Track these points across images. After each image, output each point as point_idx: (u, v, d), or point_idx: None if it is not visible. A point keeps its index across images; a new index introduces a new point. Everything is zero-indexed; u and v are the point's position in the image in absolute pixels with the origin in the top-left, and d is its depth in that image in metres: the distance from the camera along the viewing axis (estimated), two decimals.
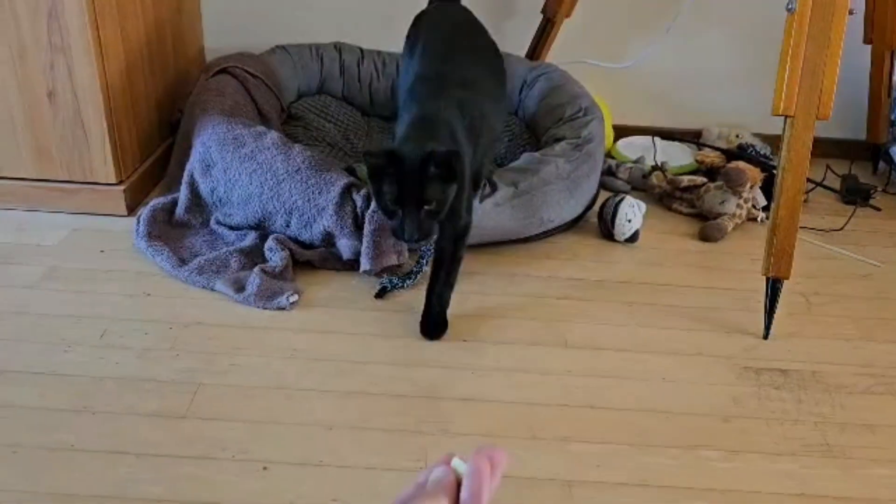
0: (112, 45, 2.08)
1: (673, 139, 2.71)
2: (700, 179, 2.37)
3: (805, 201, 2.22)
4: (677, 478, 1.44)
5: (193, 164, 2.13)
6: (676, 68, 2.74)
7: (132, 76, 2.21)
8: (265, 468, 1.39)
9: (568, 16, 2.54)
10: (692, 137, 2.73)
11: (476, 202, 1.98)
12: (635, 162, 2.49)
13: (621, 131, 2.74)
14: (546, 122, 2.34)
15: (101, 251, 2.04)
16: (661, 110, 2.79)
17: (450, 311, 1.83)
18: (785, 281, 1.80)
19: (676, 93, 2.79)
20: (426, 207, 1.49)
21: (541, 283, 2.01)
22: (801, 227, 1.77)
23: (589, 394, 1.63)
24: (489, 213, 1.99)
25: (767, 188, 2.32)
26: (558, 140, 2.20)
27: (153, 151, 2.37)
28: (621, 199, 2.18)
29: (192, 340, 1.73)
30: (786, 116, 1.73)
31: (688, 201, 2.37)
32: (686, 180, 2.37)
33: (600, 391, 1.64)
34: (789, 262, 1.79)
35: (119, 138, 2.15)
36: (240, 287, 1.87)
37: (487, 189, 2.01)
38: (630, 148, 2.66)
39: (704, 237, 2.24)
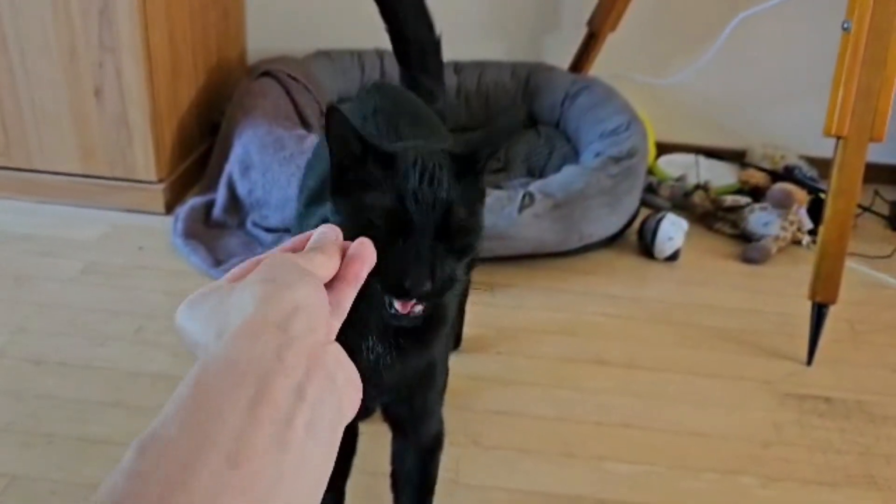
0: (160, 47, 2.09)
1: (716, 158, 2.66)
2: (744, 200, 2.33)
3: (853, 227, 2.16)
4: (714, 502, 1.40)
5: (232, 165, 2.14)
6: (721, 86, 2.70)
7: (177, 78, 2.22)
8: None
9: (613, 30, 2.52)
10: (735, 157, 2.68)
11: (514, 212, 1.96)
12: (677, 180, 2.45)
13: (663, 149, 2.70)
14: (588, 136, 2.32)
15: (140, 248, 2.05)
16: (705, 128, 2.75)
17: (484, 323, 1.81)
18: (831, 307, 1.75)
19: (720, 111, 2.75)
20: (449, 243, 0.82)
21: (578, 299, 1.98)
22: (847, 253, 1.72)
23: (625, 413, 1.60)
24: (528, 224, 1.97)
25: (813, 211, 2.27)
26: (599, 154, 2.17)
27: (193, 152, 2.39)
28: (662, 217, 2.14)
29: None
30: (838, 138, 1.69)
31: (731, 222, 2.32)
32: (729, 200, 2.32)
33: (636, 411, 1.61)
34: (836, 286, 1.74)
35: (161, 138, 2.17)
36: None
37: (527, 200, 1.99)
38: (672, 165, 2.62)
39: (747, 259, 2.20)
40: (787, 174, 2.44)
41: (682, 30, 2.65)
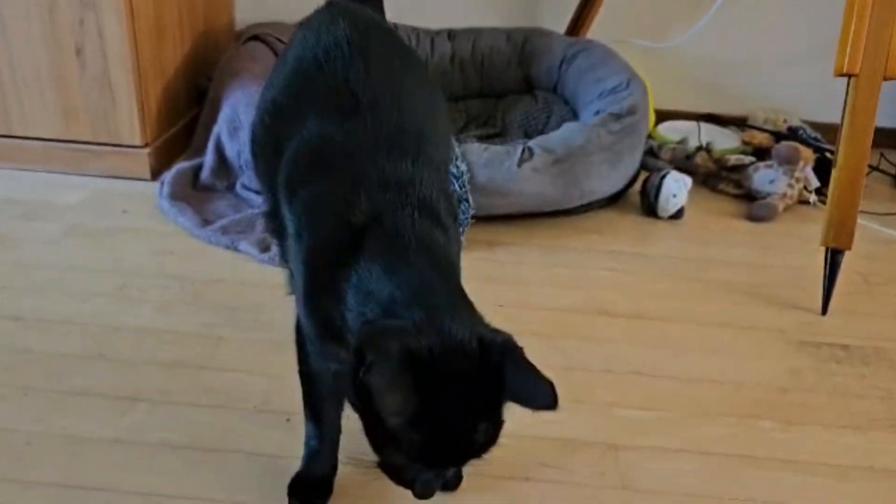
0: (143, 5, 2.02)
1: (717, 124, 2.60)
2: (748, 159, 2.26)
3: None
4: (733, 446, 1.32)
5: (221, 127, 2.06)
6: (721, 50, 2.64)
7: (162, 39, 2.15)
8: (288, 420, 1.29)
9: None
10: (737, 123, 2.62)
11: (514, 166, 1.89)
12: (679, 143, 2.38)
13: (663, 116, 2.63)
14: (587, 96, 2.25)
15: (124, 211, 1.97)
16: (705, 94, 2.68)
17: (484, 277, 1.73)
18: (845, 254, 1.68)
19: (721, 76, 2.69)
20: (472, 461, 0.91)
21: (581, 256, 1.90)
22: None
23: (634, 361, 1.52)
24: (528, 178, 1.90)
25: (820, 170, 2.20)
26: (599, 112, 2.10)
27: (181, 118, 2.31)
28: (666, 174, 2.08)
29: (213, 296, 1.65)
30: (849, 76, 1.62)
31: (735, 181, 2.26)
32: (733, 159, 2.26)
33: (646, 359, 1.53)
34: (850, 233, 1.67)
35: (146, 101, 2.09)
36: (265, 248, 1.79)
37: (526, 154, 1.92)
38: (672, 132, 2.55)
39: (753, 217, 2.13)
40: (792, 134, 2.38)
41: None
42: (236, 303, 1.62)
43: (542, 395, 0.87)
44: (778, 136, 2.37)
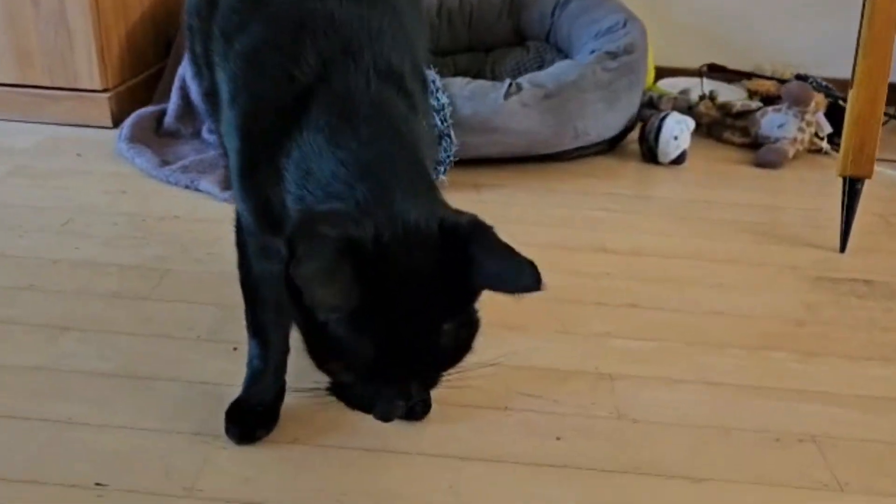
0: None
1: (722, 73, 2.43)
2: (755, 104, 2.10)
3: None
4: (742, 376, 1.16)
5: (185, 68, 1.91)
6: (724, 0, 2.49)
7: None
8: (235, 349, 1.13)
9: None
10: (742, 76, 2.46)
11: (500, 98, 1.73)
12: (680, 93, 2.23)
13: (662, 74, 2.48)
14: (581, 38, 2.10)
15: (78, 154, 1.82)
16: (707, 48, 2.52)
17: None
18: (863, 189, 1.53)
19: (724, 28, 2.53)
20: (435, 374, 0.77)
21: (576, 197, 1.75)
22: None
23: (631, 295, 1.36)
24: (516, 114, 1.74)
25: (832, 117, 2.04)
26: (595, 52, 1.95)
27: (147, 68, 2.16)
28: (666, 115, 1.92)
29: (166, 232, 1.49)
30: None
31: (741, 129, 2.10)
32: (739, 104, 2.10)
33: (643, 293, 1.37)
34: (871, 156, 1.51)
35: (106, 43, 1.95)
36: (227, 186, 1.63)
37: (513, 88, 1.77)
38: (673, 88, 2.39)
39: (762, 162, 1.97)
40: (801, 80, 2.22)
41: None
42: (190, 238, 1.47)
43: (521, 275, 0.70)
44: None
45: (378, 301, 0.69)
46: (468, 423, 1.03)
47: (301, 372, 1.08)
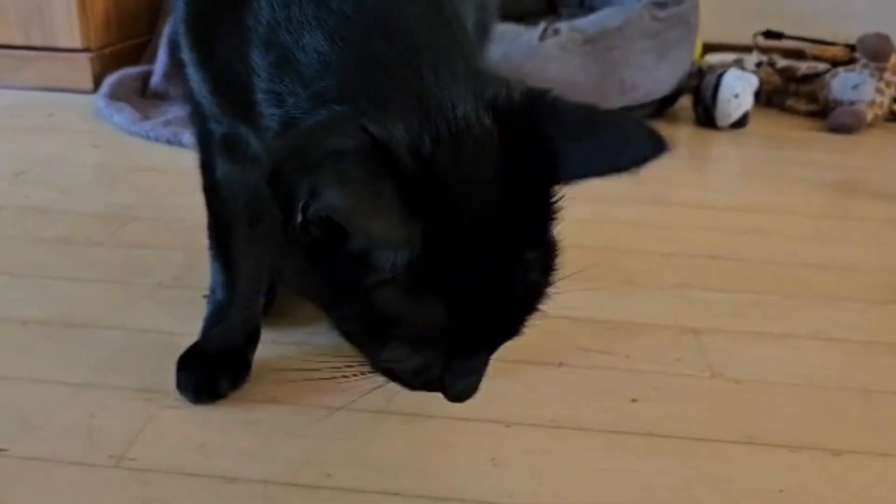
0: None
1: (776, 40, 2.17)
2: (821, 66, 1.84)
3: None
4: (870, 332, 0.88)
5: (175, 23, 1.69)
6: None
7: None
8: (205, 296, 0.86)
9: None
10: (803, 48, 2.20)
11: (534, 39, 1.49)
12: (735, 62, 1.97)
13: (709, 50, 2.23)
14: None
15: (50, 114, 1.59)
16: (756, 19, 2.27)
17: None
18: None
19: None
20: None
21: None
22: None
23: (708, 245, 1.09)
24: (554, 58, 1.49)
25: None
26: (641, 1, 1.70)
27: (138, 34, 1.93)
28: (724, 71, 1.67)
29: (140, 183, 1.25)
30: None
31: (807, 95, 1.84)
32: (804, 68, 1.84)
33: (724, 243, 1.10)
34: None
35: None
36: None
37: (549, 31, 1.52)
38: (723, 61, 2.14)
39: (837, 126, 1.70)
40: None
41: None
42: (165, 188, 1.22)
43: (628, 140, 0.48)
44: (854, 49, 1.95)
45: (435, 239, 0.45)
46: (511, 381, 0.76)
47: (287, 321, 0.84)
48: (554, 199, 0.50)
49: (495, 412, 0.71)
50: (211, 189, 0.71)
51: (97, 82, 1.74)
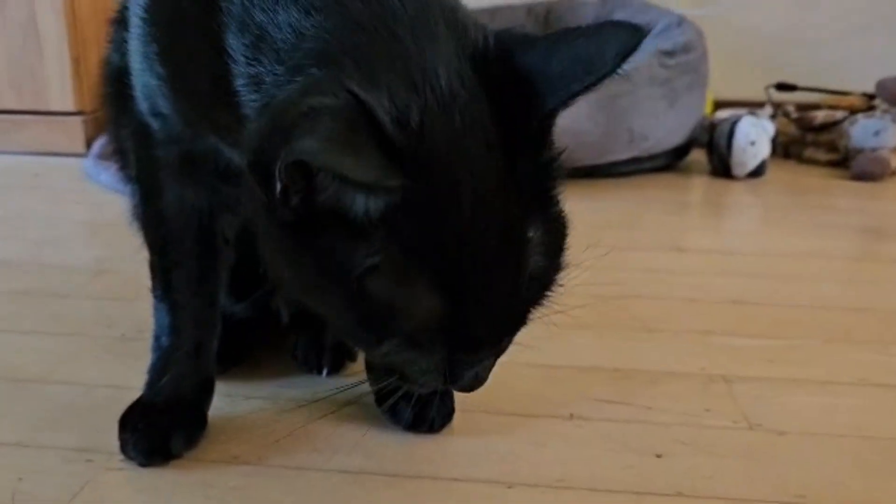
0: None
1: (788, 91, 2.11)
2: (839, 113, 1.77)
3: None
4: None
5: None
6: (777, 17, 2.21)
7: None
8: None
9: None
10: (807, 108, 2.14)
11: None
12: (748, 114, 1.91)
13: (719, 107, 2.17)
14: None
15: (35, 175, 1.53)
16: (767, 74, 2.22)
17: None
18: None
19: (784, 50, 2.23)
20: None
21: (638, 205, 1.41)
22: None
23: (730, 290, 1.00)
24: None
25: None
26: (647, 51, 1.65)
27: None
28: (738, 118, 1.60)
29: (115, 236, 1.15)
30: None
31: (826, 144, 1.76)
32: (821, 116, 1.77)
33: (748, 288, 1.01)
34: None
35: (83, 57, 1.69)
36: None
37: None
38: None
39: (859, 174, 1.62)
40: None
41: None
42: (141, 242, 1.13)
43: (611, 40, 0.44)
44: (871, 98, 1.89)
45: (423, 215, 0.43)
46: (513, 436, 0.65)
47: (256, 373, 0.74)
48: (555, 164, 0.49)
49: (495, 471, 0.60)
50: (155, 222, 0.63)
51: (90, 145, 1.69)
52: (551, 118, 0.47)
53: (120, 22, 0.62)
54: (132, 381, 0.71)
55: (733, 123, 1.58)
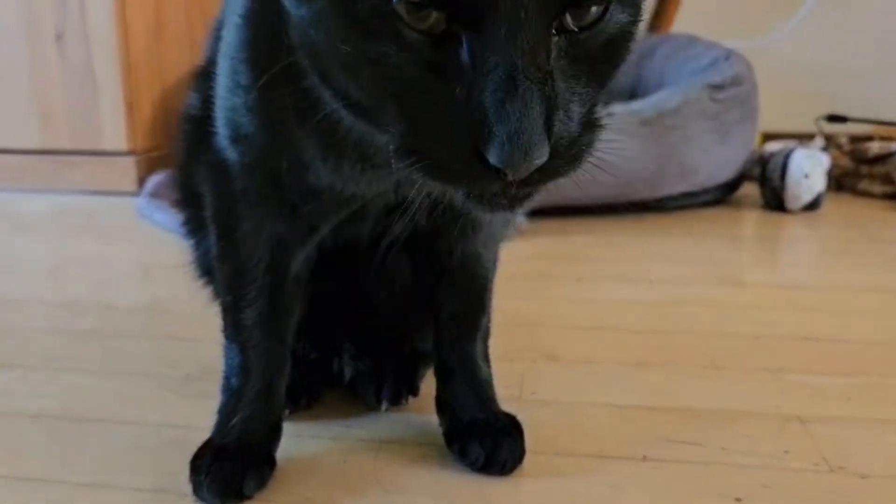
0: None
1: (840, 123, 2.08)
2: (894, 145, 1.74)
3: None
4: None
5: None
6: (826, 51, 2.19)
7: (161, 36, 1.83)
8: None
9: None
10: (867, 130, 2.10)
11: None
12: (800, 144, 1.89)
13: (768, 139, 2.15)
14: (678, 77, 1.80)
15: (91, 215, 1.56)
16: (816, 107, 2.20)
17: (550, 254, 1.23)
18: None
19: (833, 82, 2.22)
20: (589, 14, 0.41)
21: (692, 240, 1.39)
22: None
23: (799, 326, 0.97)
24: (610, 139, 1.41)
25: None
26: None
27: None
28: (792, 150, 1.57)
29: (173, 276, 1.15)
30: None
31: (881, 176, 1.73)
32: (876, 147, 1.74)
33: (819, 324, 0.98)
34: None
35: (136, 100, 1.73)
36: None
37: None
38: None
39: None
40: None
41: None
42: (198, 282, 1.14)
43: None
44: None
45: None
46: (588, 479, 0.63)
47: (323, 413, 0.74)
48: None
49: None
50: (229, 258, 0.63)
51: (141, 184, 1.72)
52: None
53: (203, 73, 0.63)
54: (199, 420, 0.71)
55: (786, 156, 1.56)
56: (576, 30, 0.40)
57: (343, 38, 0.40)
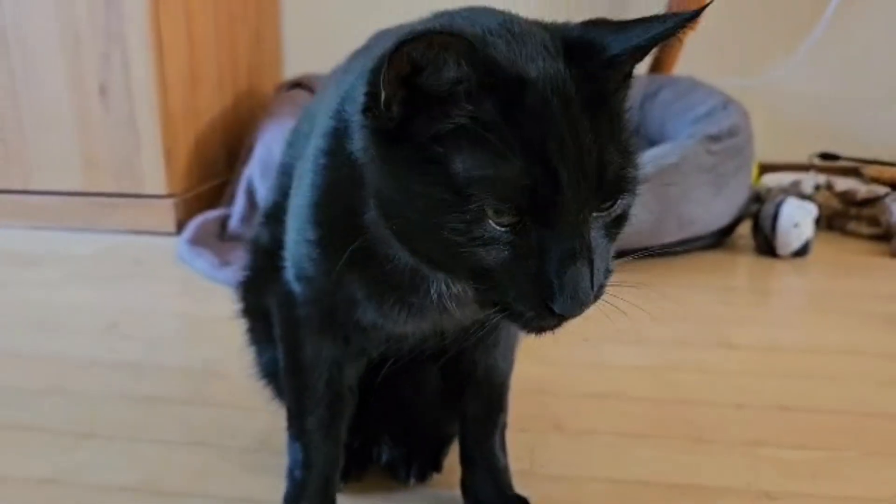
0: (174, 40, 1.83)
1: (833, 161, 2.20)
2: (882, 189, 1.85)
3: None
4: None
5: (253, 169, 1.81)
6: (825, 84, 2.29)
7: (196, 86, 1.95)
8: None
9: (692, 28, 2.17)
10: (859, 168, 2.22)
11: None
12: (792, 185, 2.00)
13: (765, 170, 2.26)
14: (677, 125, 1.92)
15: (136, 259, 1.69)
16: (813, 139, 2.31)
17: None
18: None
19: (830, 116, 2.32)
20: (613, 206, 0.57)
21: (685, 291, 1.51)
22: None
23: (777, 395, 1.10)
24: None
25: None
26: (694, 136, 1.75)
27: (216, 177, 2.07)
28: (783, 200, 1.69)
29: (220, 334, 1.30)
30: None
31: (868, 218, 1.84)
32: (864, 191, 1.86)
33: (794, 392, 1.10)
34: None
35: (174, 146, 1.86)
36: None
37: None
38: (780, 183, 2.17)
39: None
40: None
41: (773, 16, 2.28)
42: (243, 340, 1.27)
43: (669, 18, 0.55)
44: None
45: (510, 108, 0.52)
46: None
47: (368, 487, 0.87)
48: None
49: None
50: (295, 373, 0.76)
51: (179, 225, 1.85)
52: (618, 66, 0.54)
53: (272, 216, 0.76)
54: (262, 494, 0.85)
55: (778, 205, 1.68)
56: (603, 213, 0.55)
57: (444, 226, 0.53)
